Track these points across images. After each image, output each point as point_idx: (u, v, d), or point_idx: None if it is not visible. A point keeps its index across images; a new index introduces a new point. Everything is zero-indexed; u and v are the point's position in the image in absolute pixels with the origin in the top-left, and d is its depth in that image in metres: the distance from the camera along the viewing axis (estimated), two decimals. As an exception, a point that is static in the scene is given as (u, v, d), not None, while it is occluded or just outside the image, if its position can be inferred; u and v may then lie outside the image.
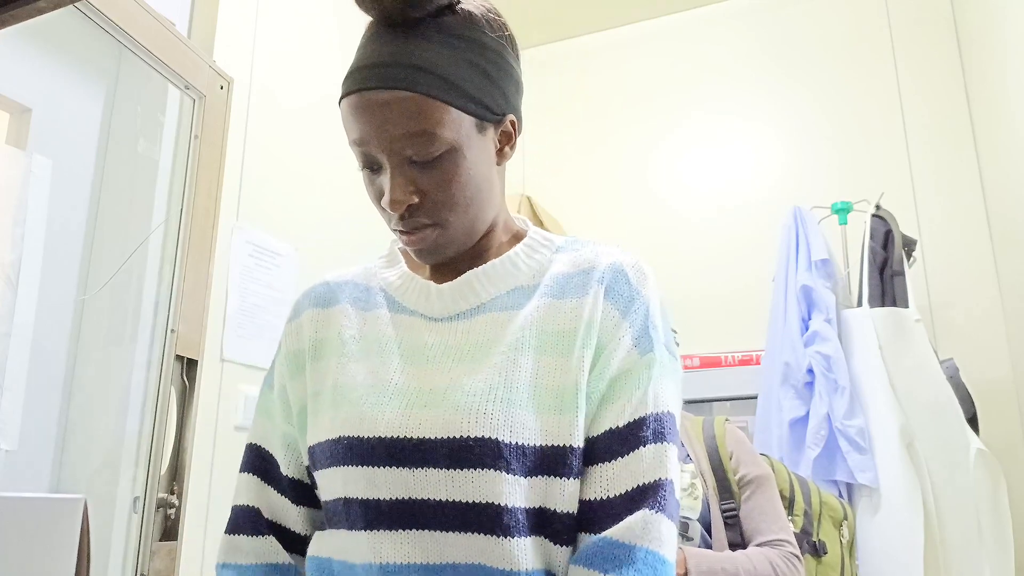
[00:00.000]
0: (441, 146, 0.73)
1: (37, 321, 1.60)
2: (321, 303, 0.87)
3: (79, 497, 1.22)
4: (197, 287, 1.84)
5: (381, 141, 0.73)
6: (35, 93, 1.66)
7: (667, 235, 3.07)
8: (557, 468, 0.71)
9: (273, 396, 0.87)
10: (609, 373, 0.74)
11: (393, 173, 0.74)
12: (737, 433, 1.58)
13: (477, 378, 0.73)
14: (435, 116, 0.72)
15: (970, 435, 2.09)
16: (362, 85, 0.73)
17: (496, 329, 0.76)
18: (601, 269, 0.79)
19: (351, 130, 0.74)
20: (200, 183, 1.87)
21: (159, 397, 1.74)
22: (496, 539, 0.68)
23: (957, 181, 2.70)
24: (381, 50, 0.74)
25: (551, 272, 0.80)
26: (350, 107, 0.74)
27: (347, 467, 0.73)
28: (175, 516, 1.72)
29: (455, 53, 0.74)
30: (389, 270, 0.87)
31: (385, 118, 0.72)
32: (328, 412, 0.77)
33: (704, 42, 3.23)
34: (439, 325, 0.79)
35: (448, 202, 0.75)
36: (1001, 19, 2.33)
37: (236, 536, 0.84)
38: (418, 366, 0.76)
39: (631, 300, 0.77)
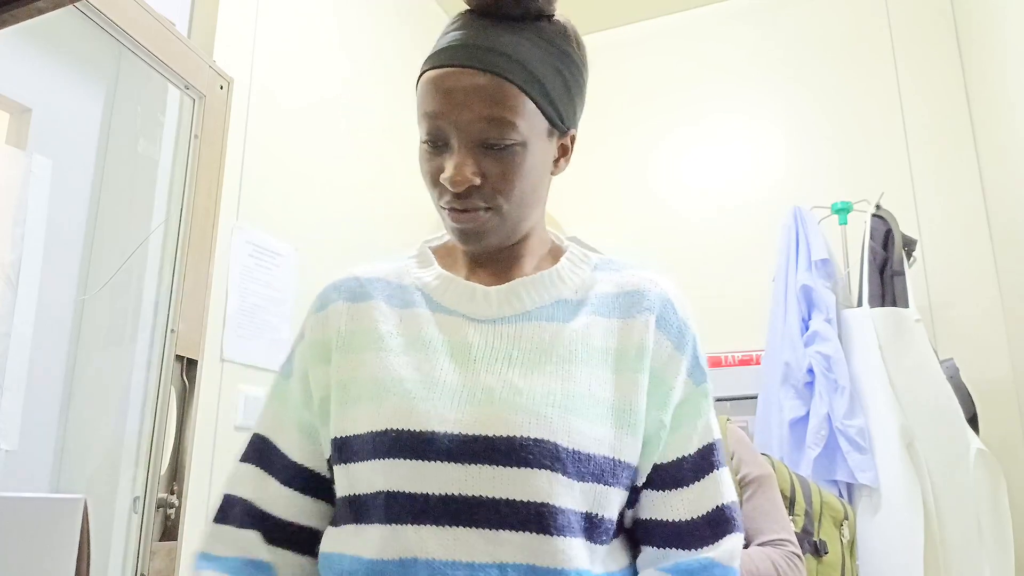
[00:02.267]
0: (515, 136, 0.74)
1: (37, 321, 1.60)
2: (352, 297, 0.85)
3: (79, 497, 1.22)
4: (197, 287, 1.84)
5: (459, 118, 0.74)
6: (35, 93, 1.66)
7: (667, 235, 3.07)
8: (606, 477, 0.74)
9: (290, 383, 0.86)
10: (672, 403, 0.79)
11: (462, 152, 0.75)
12: (738, 433, 1.58)
13: (533, 383, 0.74)
14: (518, 106, 0.74)
15: (970, 435, 2.09)
16: (452, 62, 0.74)
17: (544, 337, 0.78)
18: (650, 297, 0.82)
19: (428, 103, 0.76)
20: (200, 183, 1.87)
21: (159, 397, 1.74)
22: (548, 538, 0.69)
23: (957, 181, 2.70)
24: (476, 35, 0.75)
25: (596, 290, 0.83)
26: (434, 80, 0.75)
27: (394, 459, 0.72)
28: (175, 516, 1.72)
29: (545, 56, 0.77)
30: (423, 270, 0.86)
31: (469, 97, 0.73)
32: (368, 404, 0.76)
33: (704, 42, 3.23)
34: (483, 326, 0.79)
35: (507, 191, 0.76)
36: (1001, 19, 2.33)
37: (222, 526, 0.83)
38: (465, 365, 0.76)
39: (681, 332, 0.82)
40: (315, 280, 2.29)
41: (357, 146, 2.61)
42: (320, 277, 2.31)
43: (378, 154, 2.73)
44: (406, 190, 2.87)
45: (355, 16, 2.68)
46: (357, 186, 2.59)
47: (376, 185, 2.70)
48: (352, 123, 2.60)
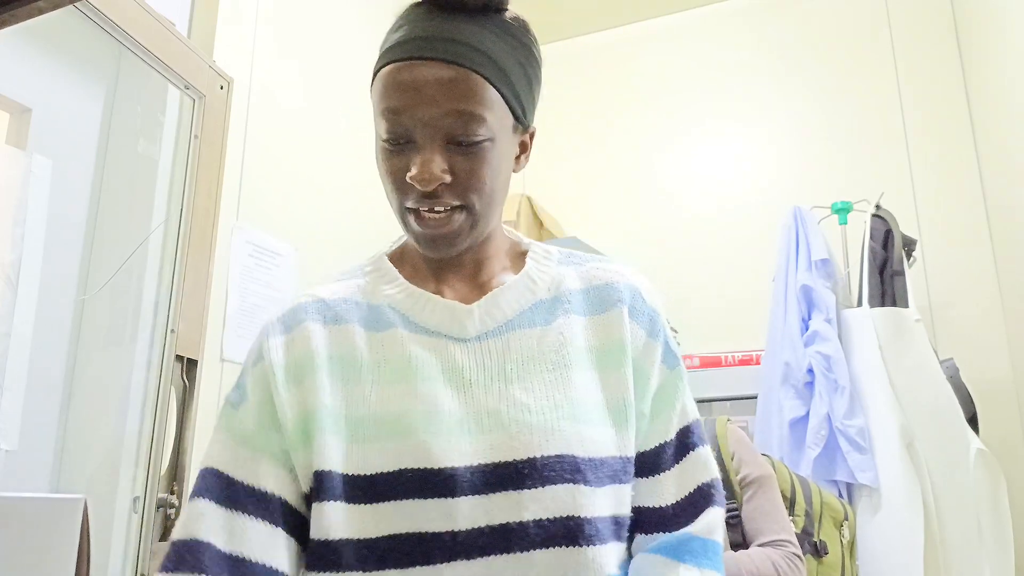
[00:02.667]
0: (485, 131, 0.72)
1: (37, 321, 1.60)
2: (326, 319, 0.79)
3: (79, 497, 1.22)
4: (197, 287, 1.84)
5: (426, 113, 0.70)
6: (35, 93, 1.66)
7: (667, 235, 3.07)
8: (619, 476, 0.75)
9: (244, 412, 0.77)
10: (651, 391, 0.80)
11: (429, 148, 0.71)
12: (739, 433, 1.58)
13: (536, 396, 0.73)
14: (487, 100, 0.71)
15: (970, 435, 2.09)
16: (415, 54, 0.70)
17: (532, 345, 0.77)
18: (619, 288, 0.82)
19: (388, 98, 0.71)
20: (200, 183, 1.87)
21: (159, 397, 1.74)
22: (580, 549, 0.69)
23: (957, 181, 2.70)
24: (437, 26, 0.71)
25: (565, 287, 0.82)
26: (392, 75, 0.71)
27: (415, 500, 0.68)
28: (175, 516, 1.72)
29: (509, 49, 0.74)
30: (390, 286, 0.81)
31: (436, 90, 0.69)
32: (372, 443, 0.71)
33: (704, 42, 3.23)
34: (468, 345, 0.76)
35: (478, 188, 0.73)
36: (1001, 19, 2.33)
37: None
38: (461, 389, 0.74)
39: (652, 320, 0.82)
40: (315, 280, 2.29)
41: (357, 146, 2.61)
42: (320, 277, 2.31)
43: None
44: (406, 190, 2.87)
45: (355, 16, 2.68)
46: (357, 186, 2.59)
47: (376, 185, 2.68)
48: (352, 123, 2.60)
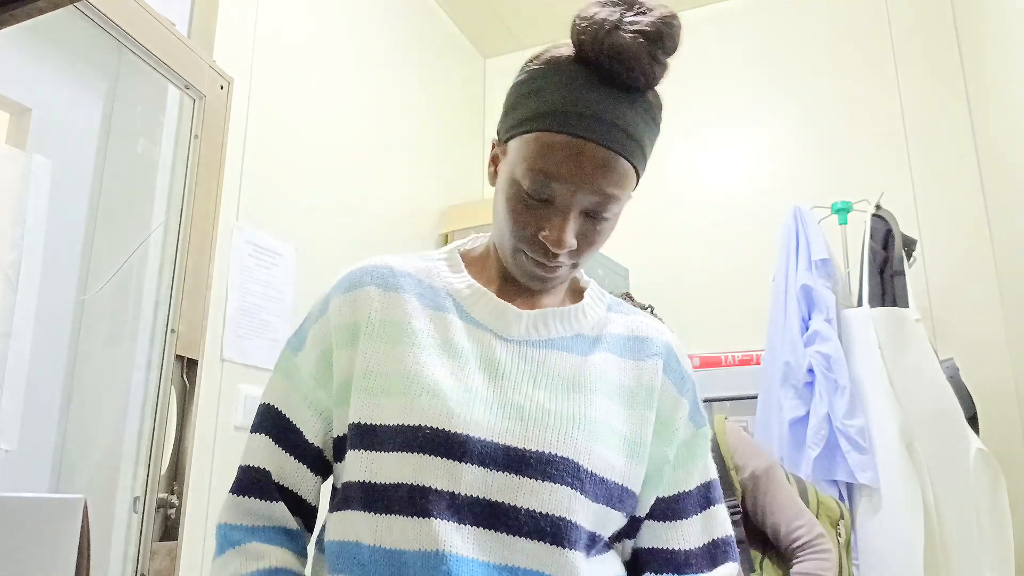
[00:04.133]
0: (616, 210, 0.80)
1: (37, 321, 1.60)
2: (384, 285, 0.85)
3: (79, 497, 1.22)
4: (197, 287, 1.84)
5: (580, 188, 0.76)
6: (35, 93, 1.66)
7: (667, 235, 3.07)
8: (614, 502, 0.80)
9: (302, 359, 0.86)
10: (676, 441, 0.86)
11: (567, 215, 0.78)
12: (737, 430, 1.59)
13: (559, 405, 0.79)
14: (628, 185, 0.80)
15: (970, 435, 2.09)
16: (586, 135, 0.75)
17: (566, 367, 0.83)
18: (657, 344, 0.89)
19: (545, 160, 0.76)
20: (200, 183, 1.87)
21: (159, 397, 1.74)
22: (561, 550, 0.74)
23: (957, 181, 2.70)
24: (607, 108, 0.76)
25: (609, 329, 0.89)
26: (566, 147, 0.75)
27: (425, 456, 0.74)
28: (175, 516, 1.72)
29: (651, 133, 0.81)
30: (454, 276, 0.88)
31: (597, 172, 0.76)
32: (400, 397, 0.77)
33: (704, 42, 3.23)
34: (509, 345, 0.83)
35: (591, 252, 0.82)
36: (1001, 19, 2.33)
37: (245, 498, 0.83)
38: (495, 380, 0.80)
39: (683, 379, 0.89)
40: (315, 280, 2.29)
41: (357, 146, 2.61)
42: (320, 277, 2.31)
43: (378, 154, 2.73)
44: (406, 190, 2.87)
45: (355, 16, 2.68)
46: (357, 186, 2.59)
47: (376, 185, 2.70)
48: (352, 123, 2.60)
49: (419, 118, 3.00)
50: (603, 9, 0.75)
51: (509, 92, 0.83)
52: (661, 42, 0.75)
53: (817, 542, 1.47)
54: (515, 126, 0.80)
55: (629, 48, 0.73)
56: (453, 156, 3.24)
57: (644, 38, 0.74)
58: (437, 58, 3.21)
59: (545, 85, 0.78)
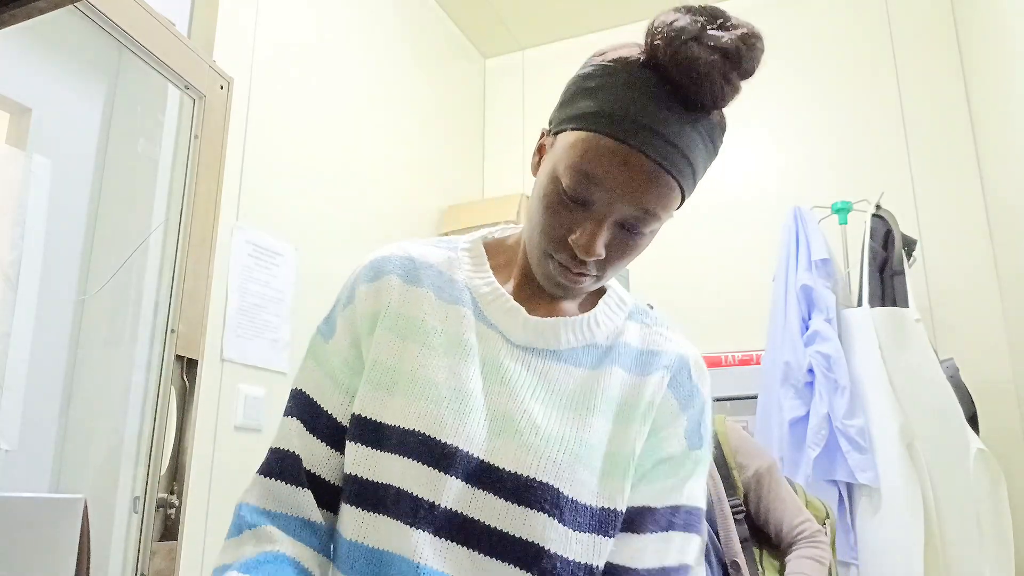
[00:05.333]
0: (654, 228, 0.76)
1: (37, 321, 1.60)
2: (406, 277, 0.84)
3: (79, 497, 1.22)
4: (197, 287, 1.84)
5: (622, 197, 0.72)
6: (35, 93, 1.66)
7: (667, 235, 3.05)
8: (606, 528, 0.76)
9: (333, 346, 0.84)
10: (658, 455, 0.80)
11: (602, 223, 0.74)
12: (738, 430, 1.61)
13: (551, 423, 0.77)
14: (671, 206, 0.75)
15: (970, 435, 2.09)
16: (637, 144, 0.71)
17: (569, 383, 0.80)
18: (669, 356, 0.85)
19: (595, 166, 0.72)
20: (200, 183, 1.87)
21: (159, 397, 1.74)
22: None
23: (957, 181, 2.70)
24: (667, 122, 0.71)
25: (623, 339, 0.85)
26: (612, 151, 0.72)
27: (414, 461, 0.74)
28: (175, 516, 1.72)
29: (707, 157, 0.76)
30: (476, 272, 0.86)
31: (643, 185, 0.72)
32: (400, 398, 0.77)
33: (704, 42, 3.22)
34: (516, 351, 0.81)
35: (619, 267, 0.78)
36: (1001, 19, 2.33)
37: (273, 480, 0.81)
38: (496, 385, 0.78)
39: (690, 396, 0.83)
40: (315, 280, 2.29)
41: (357, 146, 2.61)
42: (320, 277, 2.31)
43: (378, 154, 2.73)
44: (406, 189, 2.87)
45: (355, 16, 2.68)
46: (357, 186, 2.59)
47: (376, 185, 2.70)
48: (352, 123, 2.60)
49: (419, 118, 3.00)
50: (684, 17, 0.71)
51: (569, 83, 0.78)
52: (739, 62, 0.71)
53: (818, 536, 1.52)
54: (567, 120, 0.76)
55: (704, 64, 0.69)
56: (453, 156, 3.24)
57: (722, 56, 0.70)
58: (437, 58, 3.21)
59: (606, 84, 0.73)
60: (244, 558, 0.76)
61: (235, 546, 0.78)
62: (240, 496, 0.83)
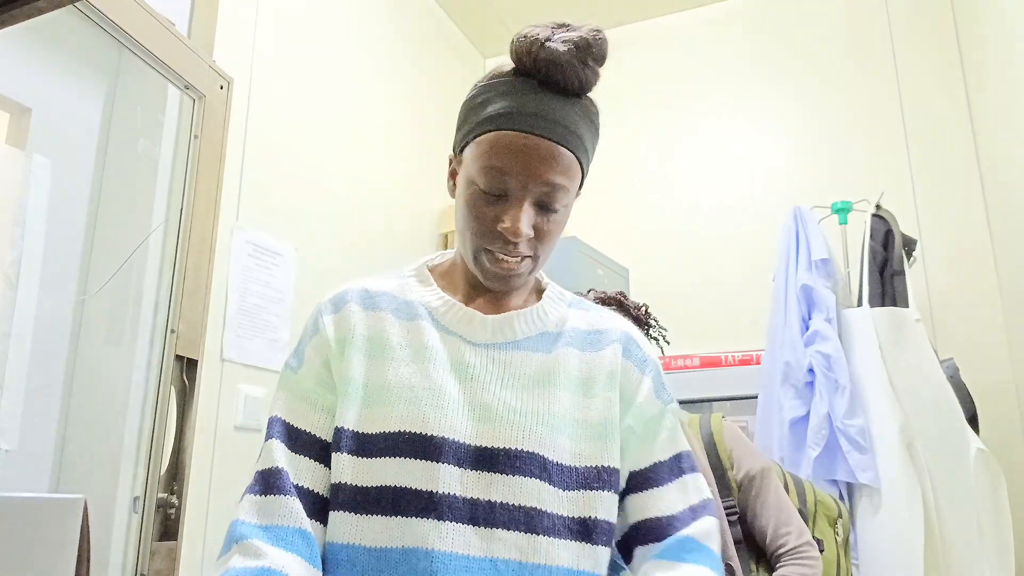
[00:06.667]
0: (566, 201, 0.88)
1: (37, 321, 1.60)
2: (365, 305, 0.93)
3: (79, 497, 1.22)
4: (197, 287, 1.84)
5: (529, 179, 0.84)
6: (35, 93, 1.66)
7: (667, 235, 3.07)
8: (592, 483, 0.85)
9: (303, 373, 0.91)
10: (645, 417, 0.92)
11: (522, 207, 0.85)
12: (734, 429, 1.60)
13: (523, 403, 0.86)
14: (575, 177, 0.87)
15: (970, 435, 2.09)
16: (532, 130, 0.83)
17: (531, 365, 0.89)
18: (615, 332, 0.95)
19: (502, 159, 0.84)
20: (200, 183, 1.87)
21: (159, 397, 1.74)
22: (535, 538, 0.80)
23: (957, 181, 2.70)
24: (547, 108, 0.85)
25: (570, 324, 0.95)
26: (512, 142, 0.84)
27: (405, 459, 0.81)
28: (175, 516, 1.73)
29: (591, 133, 0.89)
30: (425, 290, 0.95)
31: (544, 163, 0.84)
32: (380, 408, 0.84)
33: (704, 42, 3.23)
34: (478, 349, 0.89)
35: (548, 245, 0.89)
36: (1001, 19, 2.33)
37: (261, 496, 0.84)
38: (465, 382, 0.87)
39: (644, 360, 0.95)
40: (315, 280, 2.29)
41: (357, 146, 2.61)
42: (320, 277, 2.31)
43: (378, 154, 2.73)
44: (405, 189, 2.87)
45: (355, 16, 2.67)
46: (357, 186, 2.59)
47: (376, 185, 2.70)
48: (352, 123, 2.60)
49: (419, 118, 3.00)
50: (536, 28, 0.85)
51: (460, 111, 0.91)
52: (590, 50, 0.84)
53: (802, 549, 1.45)
54: (467, 134, 0.88)
55: (562, 56, 0.82)
56: (453, 156, 3.23)
57: (575, 47, 0.83)
58: (437, 58, 3.21)
59: (491, 96, 0.86)
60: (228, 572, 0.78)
61: (222, 564, 0.80)
62: (233, 514, 0.85)
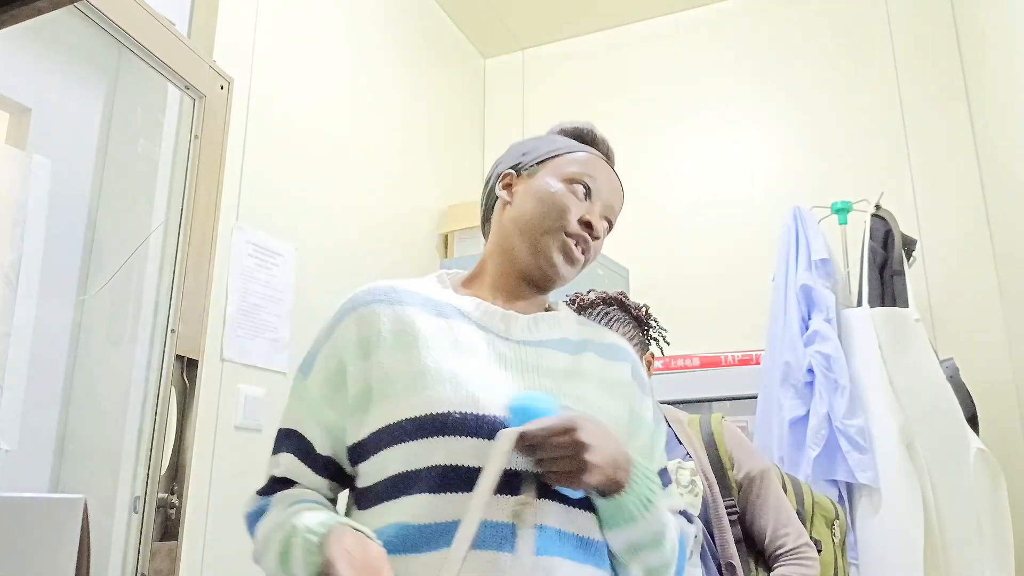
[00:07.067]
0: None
1: (37, 321, 1.60)
2: (391, 301, 0.96)
3: (79, 497, 1.22)
4: (197, 287, 1.84)
5: (609, 192, 1.03)
6: (35, 93, 1.66)
7: (667, 235, 3.07)
8: None
9: (311, 381, 0.95)
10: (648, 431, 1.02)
11: (598, 213, 1.02)
12: (735, 430, 1.60)
13: (562, 389, 0.93)
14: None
15: (970, 435, 2.09)
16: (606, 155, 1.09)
17: (559, 362, 0.97)
18: (625, 352, 1.06)
19: (593, 169, 1.02)
20: (200, 183, 1.87)
21: (159, 397, 1.74)
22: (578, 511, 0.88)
23: (957, 181, 2.70)
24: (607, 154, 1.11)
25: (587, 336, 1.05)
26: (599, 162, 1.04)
27: (454, 438, 0.85)
28: (175, 516, 1.73)
29: None
30: (450, 293, 1.01)
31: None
32: (422, 392, 0.87)
33: (704, 42, 3.23)
34: (511, 344, 0.97)
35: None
36: (1001, 19, 2.33)
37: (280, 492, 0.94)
38: (503, 369, 0.93)
39: (644, 384, 1.06)
40: (315, 280, 2.29)
41: (357, 146, 2.61)
42: (320, 277, 2.31)
43: (378, 154, 2.73)
44: (406, 189, 2.87)
45: (355, 16, 2.67)
46: (357, 186, 2.59)
47: (376, 184, 2.70)
48: (352, 123, 2.60)
49: (419, 118, 3.00)
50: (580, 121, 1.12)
51: (519, 145, 1.08)
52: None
53: (801, 550, 1.46)
54: (548, 153, 1.03)
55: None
56: (453, 156, 3.24)
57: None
58: (437, 58, 3.21)
59: (556, 136, 1.08)
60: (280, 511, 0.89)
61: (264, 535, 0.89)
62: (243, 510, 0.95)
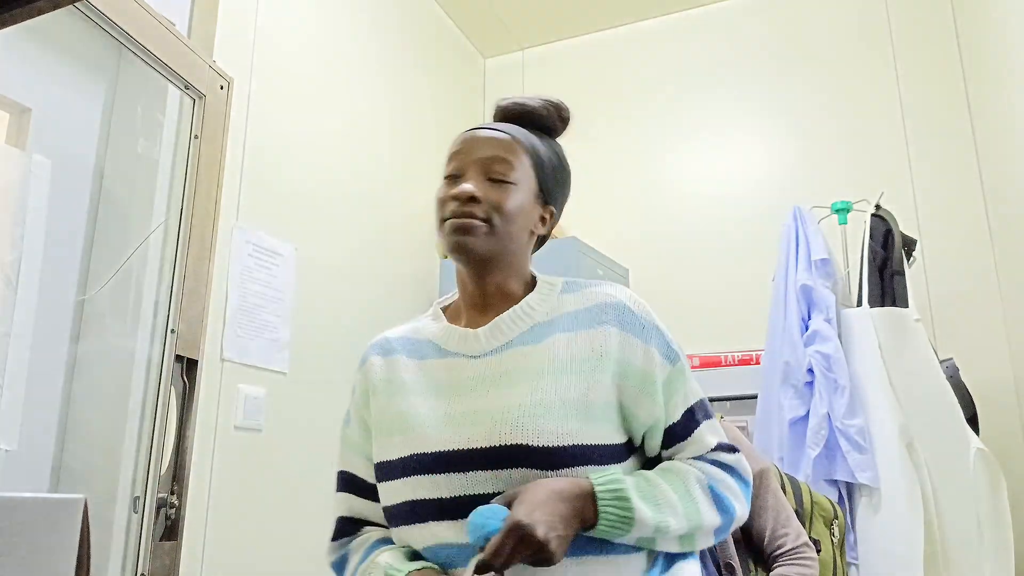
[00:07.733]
0: (512, 176, 1.02)
1: (37, 321, 1.60)
2: (383, 352, 1.10)
3: (79, 497, 1.22)
4: (197, 287, 1.84)
5: (476, 155, 1.02)
6: (35, 93, 1.66)
7: (667, 235, 3.07)
8: (577, 461, 0.92)
9: (351, 430, 1.11)
10: (660, 383, 0.98)
11: (469, 176, 1.01)
12: (733, 430, 1.60)
13: (510, 398, 0.95)
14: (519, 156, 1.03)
15: (970, 435, 2.09)
16: (479, 127, 1.06)
17: (520, 360, 0.99)
18: (607, 309, 1.01)
19: (455, 146, 1.05)
20: (200, 183, 1.87)
21: (159, 397, 1.74)
22: None
23: (957, 181, 2.70)
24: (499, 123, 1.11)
25: (563, 310, 1.03)
26: (463, 134, 1.06)
27: (416, 476, 0.95)
28: (175, 516, 1.73)
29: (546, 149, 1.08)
30: (435, 324, 1.09)
31: (487, 143, 1.03)
32: (397, 436, 0.99)
33: (704, 41, 3.23)
34: (476, 361, 1.01)
35: (499, 210, 1.00)
36: (1001, 19, 2.33)
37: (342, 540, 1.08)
38: (464, 395, 0.98)
39: (643, 327, 1.01)
40: (315, 280, 2.29)
41: (357, 146, 2.61)
42: (320, 277, 2.31)
43: (378, 154, 2.73)
44: (406, 189, 2.87)
45: (355, 16, 2.67)
46: (357, 186, 2.59)
47: (376, 185, 2.70)
48: (352, 123, 2.60)
49: (419, 118, 3.00)
50: None
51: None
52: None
53: (800, 550, 1.45)
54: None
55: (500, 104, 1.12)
56: (453, 156, 3.23)
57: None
58: (437, 58, 3.21)
59: None
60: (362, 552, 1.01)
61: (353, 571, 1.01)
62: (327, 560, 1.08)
